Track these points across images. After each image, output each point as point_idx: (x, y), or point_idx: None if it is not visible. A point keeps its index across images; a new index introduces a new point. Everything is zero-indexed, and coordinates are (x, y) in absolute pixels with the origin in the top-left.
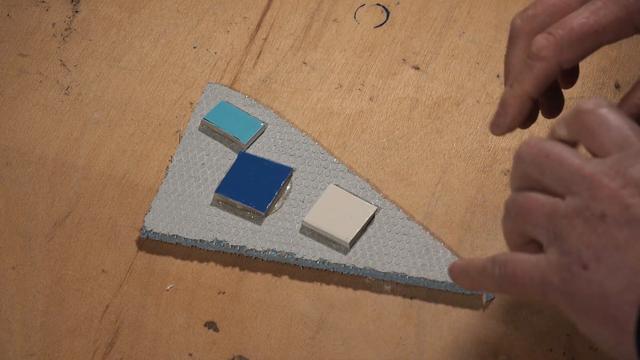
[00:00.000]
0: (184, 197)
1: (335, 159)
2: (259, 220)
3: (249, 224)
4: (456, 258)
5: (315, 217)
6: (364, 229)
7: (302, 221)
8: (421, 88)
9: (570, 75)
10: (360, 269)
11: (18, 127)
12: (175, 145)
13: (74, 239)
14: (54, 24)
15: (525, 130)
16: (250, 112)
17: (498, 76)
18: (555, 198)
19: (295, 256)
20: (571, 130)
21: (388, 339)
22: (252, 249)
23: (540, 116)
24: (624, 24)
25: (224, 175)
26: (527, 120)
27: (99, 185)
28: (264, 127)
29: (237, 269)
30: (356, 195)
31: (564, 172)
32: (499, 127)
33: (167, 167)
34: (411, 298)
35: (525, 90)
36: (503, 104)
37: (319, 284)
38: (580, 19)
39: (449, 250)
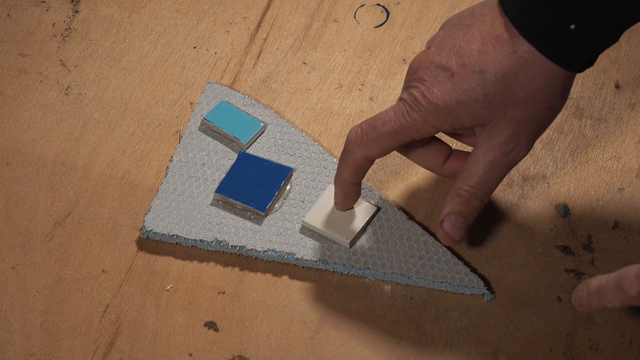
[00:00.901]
0: (184, 197)
1: (335, 159)
2: (259, 220)
3: (249, 224)
4: (456, 258)
5: (315, 217)
6: (364, 229)
7: (302, 221)
8: None
9: None
10: (360, 269)
11: (18, 127)
12: (175, 145)
13: (74, 239)
14: (54, 24)
15: None
16: (250, 112)
17: None
18: None
19: (295, 256)
20: None
21: (388, 339)
22: (252, 249)
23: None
24: (422, 125)
25: (224, 175)
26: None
27: (99, 185)
28: (264, 127)
29: (237, 269)
30: None
31: None
32: (338, 207)
33: (167, 167)
34: (411, 298)
35: (344, 178)
36: (335, 189)
37: (319, 284)
38: (384, 118)
39: (449, 250)
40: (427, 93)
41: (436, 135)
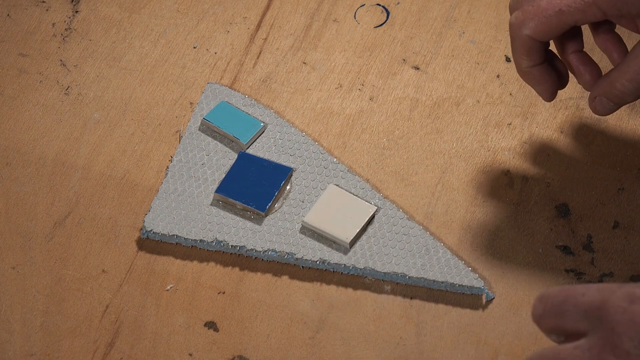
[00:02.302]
0: (184, 197)
1: (335, 159)
2: (259, 220)
3: (249, 224)
4: (456, 258)
5: (315, 217)
6: (364, 229)
7: (302, 221)
8: (421, 88)
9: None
10: (360, 269)
11: (18, 127)
12: (175, 145)
13: (74, 239)
14: (54, 24)
15: (526, 130)
16: (250, 112)
17: (498, 76)
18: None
19: (295, 256)
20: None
21: (388, 339)
22: (252, 249)
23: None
24: (588, 6)
25: (224, 175)
26: (558, 81)
27: (99, 185)
28: (264, 127)
29: (237, 269)
30: (356, 195)
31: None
32: (544, 97)
33: (167, 167)
34: (411, 298)
35: (520, 66)
36: (529, 84)
37: (319, 284)
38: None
39: (449, 250)
40: None
41: None
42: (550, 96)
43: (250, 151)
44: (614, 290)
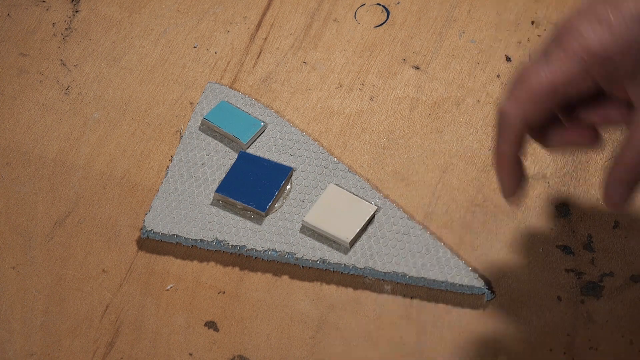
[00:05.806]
0: (184, 196)
1: (335, 159)
2: (259, 220)
3: (249, 223)
4: (456, 258)
5: (316, 217)
6: (364, 229)
7: (302, 221)
8: (421, 88)
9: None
10: (361, 268)
11: (18, 127)
12: (176, 145)
13: (74, 239)
14: (54, 24)
15: None
16: (250, 112)
17: (498, 76)
18: None
19: (296, 256)
20: None
21: (388, 339)
22: (252, 249)
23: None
24: (582, 79)
25: (224, 175)
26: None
27: (99, 185)
28: (264, 127)
29: (237, 268)
30: (356, 195)
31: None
32: (506, 193)
33: (167, 167)
34: (411, 298)
35: (503, 151)
36: (496, 170)
37: (319, 283)
38: (538, 77)
39: (449, 250)
40: (585, 43)
41: None
42: (516, 189)
43: (250, 151)
44: None
